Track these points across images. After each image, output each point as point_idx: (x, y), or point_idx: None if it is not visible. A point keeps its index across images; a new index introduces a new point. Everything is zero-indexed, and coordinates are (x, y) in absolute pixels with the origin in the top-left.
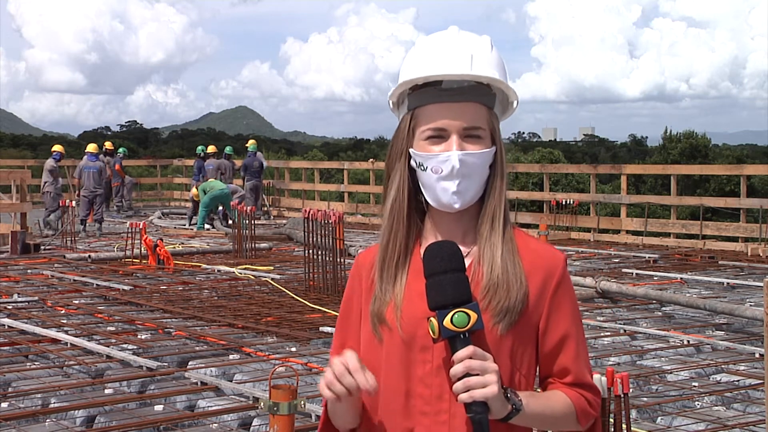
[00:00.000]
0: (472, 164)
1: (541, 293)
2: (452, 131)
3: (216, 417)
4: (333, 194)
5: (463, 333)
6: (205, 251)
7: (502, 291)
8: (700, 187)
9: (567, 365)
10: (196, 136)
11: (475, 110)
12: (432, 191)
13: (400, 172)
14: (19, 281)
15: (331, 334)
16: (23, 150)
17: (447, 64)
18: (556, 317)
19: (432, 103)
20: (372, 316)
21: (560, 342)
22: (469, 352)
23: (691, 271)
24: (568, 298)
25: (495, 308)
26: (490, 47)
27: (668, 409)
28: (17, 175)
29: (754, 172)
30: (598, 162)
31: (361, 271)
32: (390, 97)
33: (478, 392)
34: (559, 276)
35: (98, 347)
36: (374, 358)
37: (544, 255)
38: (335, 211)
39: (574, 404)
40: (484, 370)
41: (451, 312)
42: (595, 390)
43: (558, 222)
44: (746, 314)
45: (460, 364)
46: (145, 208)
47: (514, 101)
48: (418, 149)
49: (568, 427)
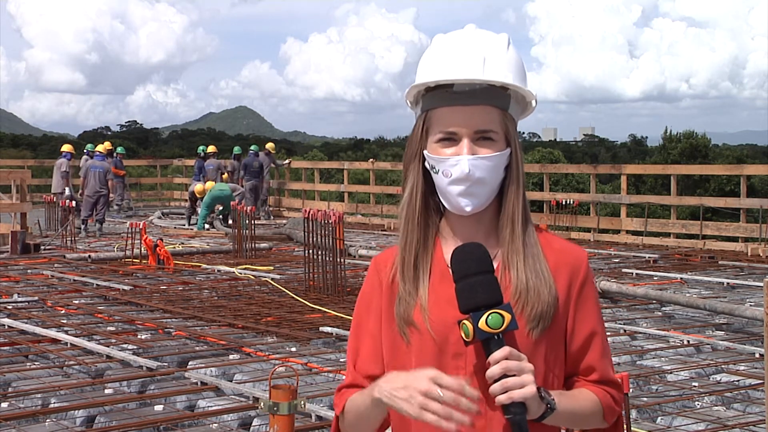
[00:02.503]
0: (483, 168)
1: (567, 293)
2: (463, 135)
3: (216, 417)
4: (333, 194)
5: (497, 334)
6: (205, 251)
7: (533, 296)
8: (700, 187)
9: (593, 363)
10: (196, 136)
11: (488, 113)
12: (444, 194)
13: (413, 174)
14: (19, 281)
15: (330, 334)
16: (23, 150)
17: (458, 67)
18: (582, 316)
19: (444, 106)
20: (398, 317)
21: (587, 340)
22: (505, 353)
23: (691, 271)
24: (592, 296)
25: (529, 314)
26: (506, 47)
27: (668, 409)
28: (17, 175)
29: (754, 172)
30: (598, 162)
31: (380, 271)
32: (406, 96)
33: (517, 393)
34: (584, 274)
35: (98, 347)
36: (400, 360)
37: (568, 254)
38: (335, 211)
39: (601, 401)
40: (521, 370)
41: (486, 313)
42: (619, 386)
43: (558, 222)
44: (746, 314)
45: (497, 366)
46: (145, 208)
47: (532, 100)
48: (431, 152)
49: (595, 425)
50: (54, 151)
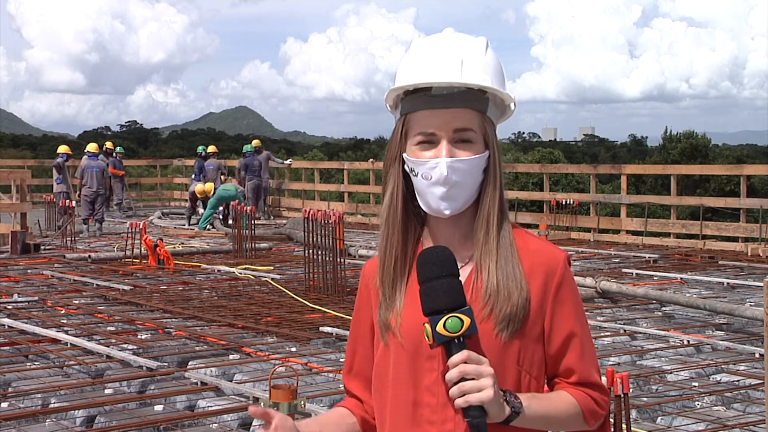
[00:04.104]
0: (461, 171)
1: (543, 295)
2: (442, 137)
3: (216, 417)
4: (333, 194)
5: (457, 338)
6: (205, 251)
7: (502, 298)
8: (700, 187)
9: (572, 365)
10: (196, 136)
11: (466, 116)
12: (423, 197)
13: (393, 177)
14: (19, 281)
15: (330, 334)
16: (23, 150)
17: (435, 70)
18: (559, 317)
19: (422, 109)
20: (379, 322)
21: (565, 342)
22: (463, 357)
23: (691, 271)
24: (570, 297)
25: (498, 316)
26: (484, 50)
27: (668, 409)
28: (17, 175)
29: (754, 172)
30: (598, 162)
31: (368, 280)
32: (385, 100)
33: (473, 396)
34: (560, 276)
35: (98, 347)
36: (382, 364)
37: (544, 255)
38: (335, 211)
39: (579, 404)
40: (479, 374)
41: (444, 317)
42: (603, 389)
43: (558, 222)
44: (746, 314)
45: (454, 369)
46: (145, 208)
47: (511, 103)
48: (410, 155)
49: (575, 427)
50: (54, 151)
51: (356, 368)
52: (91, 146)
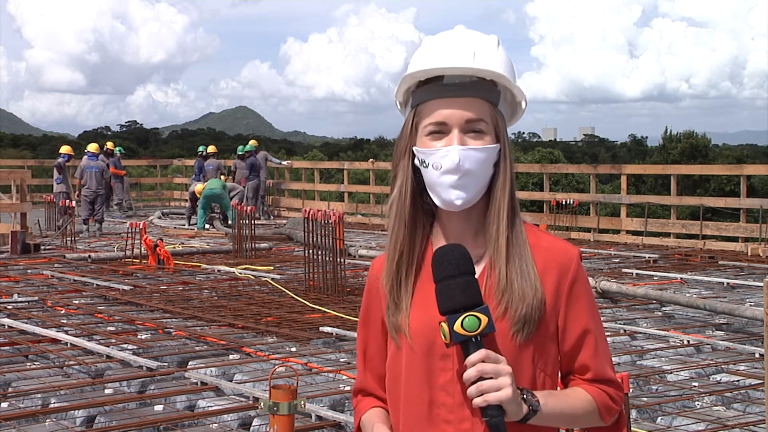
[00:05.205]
0: (473, 159)
1: (557, 292)
2: (453, 125)
3: (216, 417)
4: (333, 194)
5: (474, 337)
6: (205, 251)
7: (517, 298)
8: (700, 187)
9: (587, 362)
10: (196, 136)
11: (478, 105)
12: (434, 189)
13: (402, 171)
14: (19, 281)
15: (330, 334)
16: (23, 150)
17: (448, 58)
18: (573, 315)
19: (434, 99)
20: (389, 323)
21: (579, 339)
22: (481, 356)
23: (691, 271)
24: (584, 294)
25: (513, 317)
26: (496, 46)
27: (668, 409)
28: (17, 175)
29: (754, 172)
30: (598, 162)
31: (377, 280)
32: (396, 95)
33: (492, 396)
34: (574, 272)
35: (98, 347)
36: (395, 364)
37: (557, 252)
38: (335, 211)
39: (595, 400)
40: (498, 373)
41: (462, 316)
42: (617, 385)
43: (558, 222)
44: (746, 314)
45: (472, 368)
46: (145, 208)
47: (522, 101)
48: (421, 145)
49: (591, 424)
50: (54, 151)
51: (371, 368)
52: (92, 146)
